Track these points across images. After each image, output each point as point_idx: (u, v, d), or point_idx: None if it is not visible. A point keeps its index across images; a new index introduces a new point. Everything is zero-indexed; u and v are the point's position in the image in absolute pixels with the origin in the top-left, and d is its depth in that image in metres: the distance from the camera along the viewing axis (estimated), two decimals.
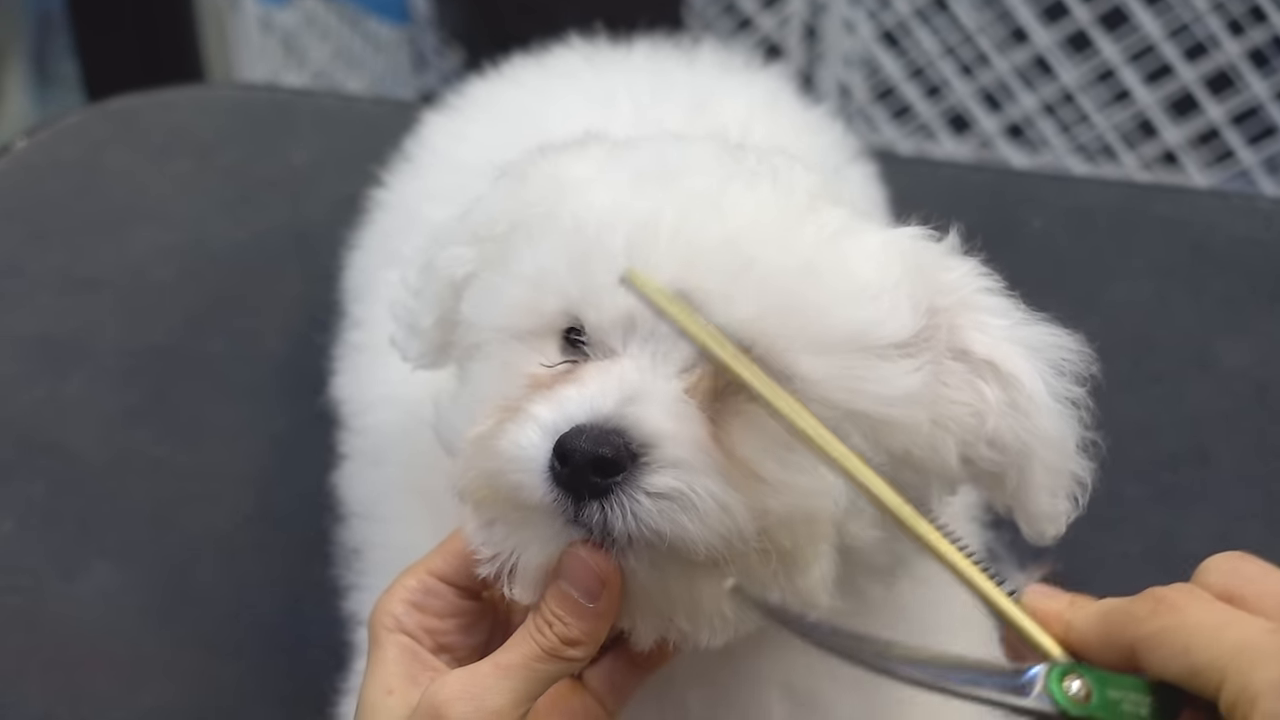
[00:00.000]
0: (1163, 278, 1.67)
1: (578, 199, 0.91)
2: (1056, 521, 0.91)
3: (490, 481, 0.86)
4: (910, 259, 0.90)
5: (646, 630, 0.87)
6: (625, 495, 0.81)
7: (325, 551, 1.27)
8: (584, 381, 0.85)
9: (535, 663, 0.85)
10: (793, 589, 0.85)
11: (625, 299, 0.84)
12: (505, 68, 1.51)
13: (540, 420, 0.83)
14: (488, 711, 0.83)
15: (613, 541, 0.82)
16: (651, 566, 0.83)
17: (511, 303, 0.92)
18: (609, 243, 0.87)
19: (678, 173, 0.91)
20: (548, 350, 0.91)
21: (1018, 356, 0.89)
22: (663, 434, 0.82)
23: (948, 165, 2.35)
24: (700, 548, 0.81)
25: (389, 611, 0.90)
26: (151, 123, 1.88)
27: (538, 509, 0.83)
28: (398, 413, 1.16)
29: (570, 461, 0.81)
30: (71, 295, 1.62)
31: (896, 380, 0.86)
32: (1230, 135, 2.66)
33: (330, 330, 1.42)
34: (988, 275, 0.93)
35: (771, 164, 0.93)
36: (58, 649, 1.27)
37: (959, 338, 0.90)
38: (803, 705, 0.98)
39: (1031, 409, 0.88)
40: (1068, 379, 0.90)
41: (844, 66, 2.85)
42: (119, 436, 1.47)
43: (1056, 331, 0.92)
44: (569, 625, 0.84)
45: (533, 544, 0.85)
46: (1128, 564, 1.34)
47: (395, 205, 1.40)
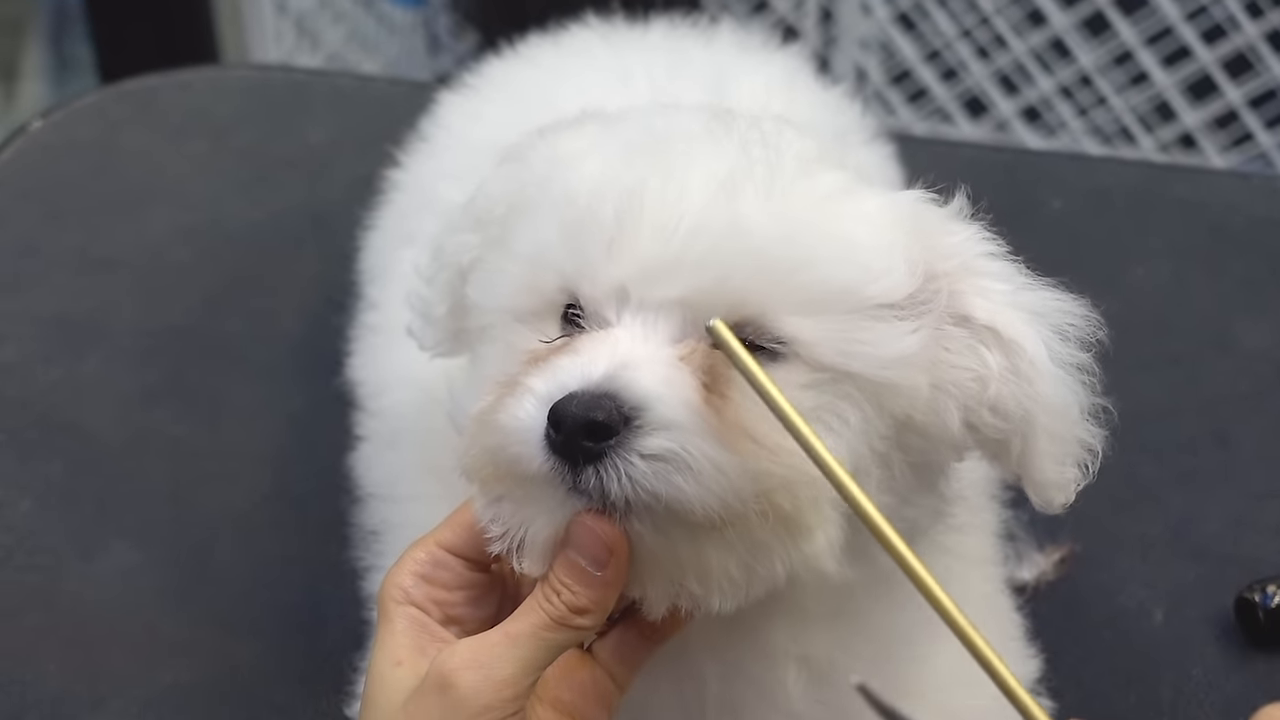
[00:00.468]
0: (1181, 259, 1.67)
1: (570, 172, 0.92)
2: (1065, 490, 0.91)
3: (492, 457, 0.86)
4: (909, 222, 0.90)
5: (657, 597, 0.87)
6: (619, 458, 0.81)
7: (342, 532, 1.27)
8: (577, 352, 0.85)
9: (544, 631, 0.85)
10: (799, 555, 0.86)
11: (617, 270, 0.86)
12: (521, 47, 1.51)
13: (535, 391, 0.84)
14: (496, 680, 0.84)
15: (613, 507, 0.83)
16: (656, 530, 0.84)
17: (512, 283, 0.93)
18: (599, 213, 0.87)
19: (665, 141, 0.91)
20: (548, 329, 0.91)
21: (1019, 322, 0.89)
22: (654, 397, 0.82)
23: (966, 146, 2.35)
24: (697, 508, 0.82)
25: (397, 584, 0.91)
26: (168, 103, 1.88)
27: (538, 479, 0.84)
28: (414, 394, 1.16)
29: (563, 427, 0.81)
30: (88, 275, 1.63)
31: (892, 342, 0.86)
32: (1249, 118, 2.65)
33: (346, 311, 1.42)
34: (990, 240, 0.92)
35: (761, 129, 0.93)
36: (76, 627, 1.27)
37: (960, 303, 0.90)
38: (819, 677, 0.98)
39: (1034, 375, 0.88)
40: (1072, 344, 0.90)
41: (860, 49, 2.85)
42: (137, 416, 1.47)
43: (1060, 296, 0.92)
44: (577, 594, 0.85)
45: (539, 517, 0.86)
46: (1146, 545, 1.34)
47: (411, 185, 1.41)
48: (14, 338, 1.54)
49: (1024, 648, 1.12)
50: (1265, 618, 1.24)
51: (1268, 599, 1.24)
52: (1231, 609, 1.27)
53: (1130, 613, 1.29)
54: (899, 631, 1.01)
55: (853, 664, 0.99)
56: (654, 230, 0.86)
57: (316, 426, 1.43)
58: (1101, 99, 2.73)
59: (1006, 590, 1.16)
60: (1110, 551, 1.33)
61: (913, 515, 0.93)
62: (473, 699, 0.83)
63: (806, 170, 0.91)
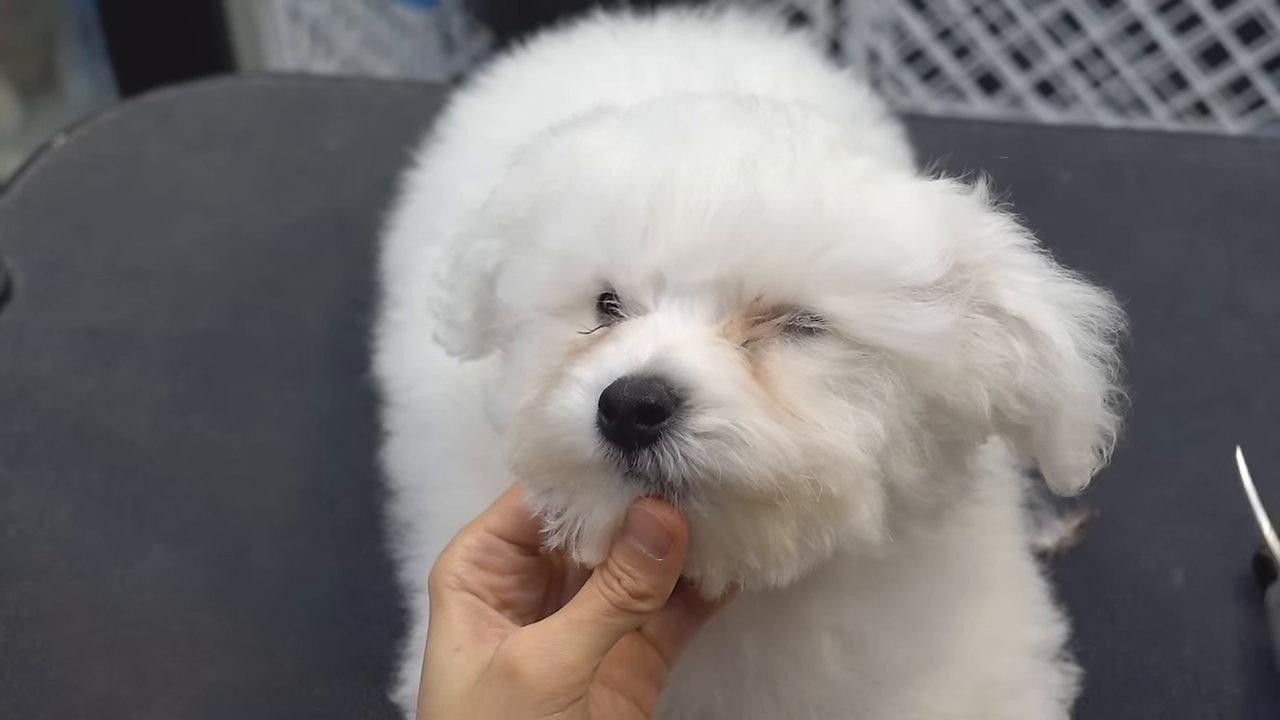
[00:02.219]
0: (1192, 225, 1.68)
1: (595, 168, 0.93)
2: (1081, 474, 0.93)
3: (544, 449, 0.88)
4: (941, 211, 0.92)
5: (717, 574, 0.89)
6: (674, 439, 0.83)
7: (377, 527, 1.30)
8: (621, 339, 0.87)
9: (606, 617, 0.87)
10: (845, 528, 0.88)
11: (652, 257, 0.88)
12: (533, 46, 1.53)
13: (583, 380, 0.86)
14: (562, 666, 0.85)
15: (671, 489, 0.84)
16: (714, 508, 0.85)
17: (544, 280, 0.94)
18: (631, 205, 0.89)
19: (691, 130, 0.93)
20: (584, 321, 0.93)
21: (1048, 314, 0.91)
22: (703, 376, 0.84)
23: (976, 122, 2.36)
24: (754, 481, 0.83)
25: (450, 570, 0.92)
26: (188, 115, 1.91)
27: (593, 467, 0.86)
28: (443, 386, 1.18)
29: (616, 413, 0.83)
30: (118, 286, 1.65)
31: (923, 320, 0.88)
32: (1262, 82, 2.65)
33: (371, 311, 1.45)
34: (1019, 231, 0.94)
35: (787, 114, 0.95)
36: (120, 631, 1.30)
37: (991, 294, 0.92)
38: (852, 647, 1.01)
39: (1060, 366, 0.90)
40: (1096, 336, 0.92)
41: (871, 31, 2.86)
42: (170, 422, 1.50)
43: (1086, 289, 0.93)
44: (638, 579, 0.87)
45: (597, 505, 0.87)
46: (1163, 507, 1.35)
47: (430, 185, 1.43)
48: (48, 350, 1.57)
49: (1049, 612, 1.15)
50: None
51: None
52: (1250, 566, 1.28)
53: (1150, 574, 1.30)
54: (931, 601, 1.04)
55: (885, 635, 1.02)
56: (685, 215, 0.87)
57: (346, 425, 1.46)
58: (1114, 70, 2.74)
59: (1029, 557, 1.18)
60: (1129, 515, 1.34)
61: (941, 490, 0.95)
62: (539, 685, 0.85)
63: (835, 154, 0.93)
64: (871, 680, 1.03)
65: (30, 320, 1.61)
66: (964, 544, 1.03)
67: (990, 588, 1.08)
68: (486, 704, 0.86)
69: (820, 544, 0.88)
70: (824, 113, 1.01)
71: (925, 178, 0.96)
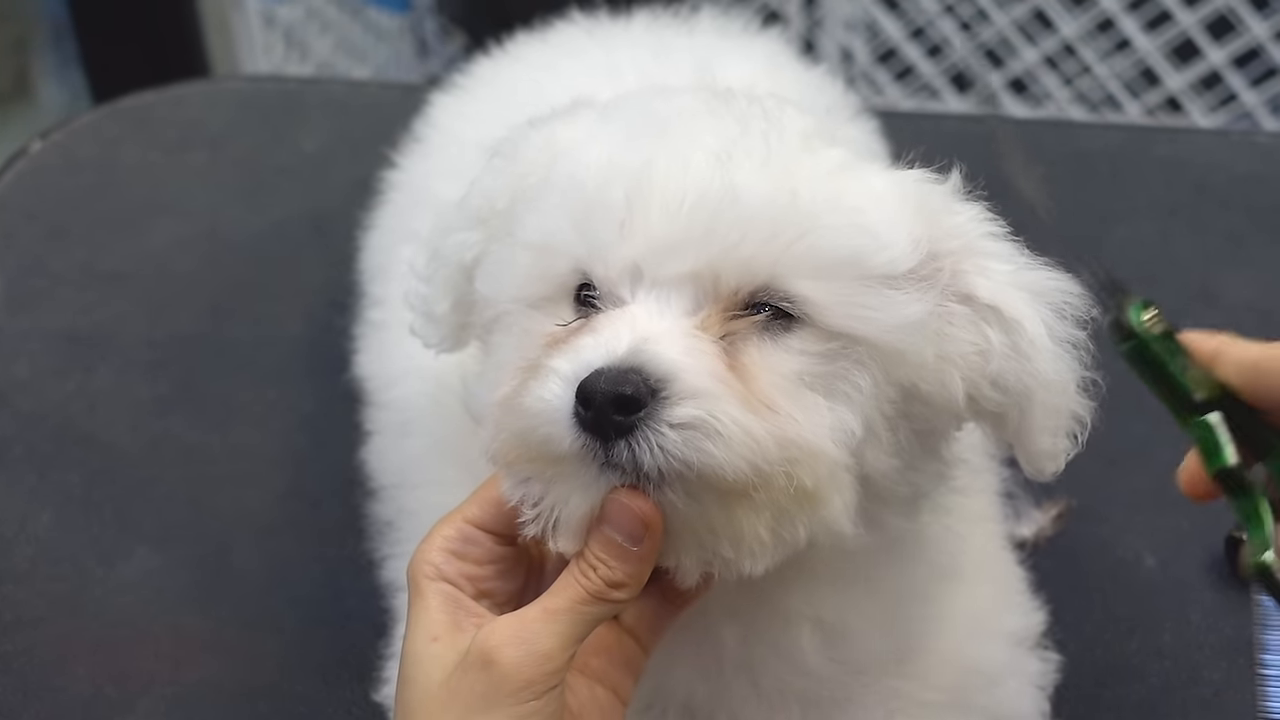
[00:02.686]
0: (1165, 217, 1.69)
1: (573, 160, 0.94)
2: (1056, 459, 0.94)
3: (521, 440, 0.88)
4: (914, 201, 0.93)
5: (691, 564, 0.89)
6: (650, 430, 0.83)
7: (358, 527, 1.30)
8: (598, 330, 0.87)
9: (582, 606, 0.87)
10: (818, 519, 0.88)
11: (629, 249, 0.88)
12: (510, 46, 1.53)
13: (560, 372, 0.86)
14: (538, 654, 0.86)
15: (647, 479, 0.85)
16: (689, 498, 0.86)
17: (522, 271, 0.94)
18: (608, 197, 0.89)
19: (668, 124, 0.93)
20: (562, 313, 0.93)
21: (1021, 302, 0.92)
22: (679, 367, 0.84)
23: (949, 118, 2.37)
24: (728, 472, 0.84)
25: (429, 560, 0.92)
26: (163, 118, 1.91)
27: (569, 458, 0.86)
28: (422, 384, 1.19)
29: (593, 404, 0.83)
30: (95, 290, 1.66)
31: (897, 309, 0.89)
32: (1233, 78, 2.67)
33: (350, 312, 1.45)
34: (991, 220, 0.95)
35: (762, 107, 0.96)
36: (103, 632, 1.30)
37: (964, 282, 0.92)
38: (832, 637, 1.01)
39: (1033, 353, 0.91)
40: (1069, 322, 0.93)
41: (844, 30, 2.87)
42: (150, 425, 1.50)
43: (1058, 276, 0.94)
44: (613, 568, 0.87)
45: (573, 495, 0.88)
46: (1139, 498, 1.36)
47: (408, 185, 1.43)
48: (26, 354, 1.57)
49: (1028, 600, 1.16)
50: None
51: None
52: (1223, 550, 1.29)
53: (1127, 563, 1.32)
54: (910, 591, 1.04)
55: (864, 624, 1.02)
56: (662, 208, 0.88)
57: (327, 426, 1.46)
58: (1086, 67, 2.75)
59: (1008, 546, 1.19)
60: (1105, 505, 1.35)
61: (917, 479, 0.96)
62: (515, 674, 0.85)
63: (810, 145, 0.94)
64: (852, 670, 1.04)
65: (8, 324, 1.61)
66: (942, 533, 1.04)
67: (969, 576, 1.09)
68: (463, 693, 0.86)
69: (794, 535, 0.88)
70: (799, 105, 1.02)
71: (899, 169, 0.97)
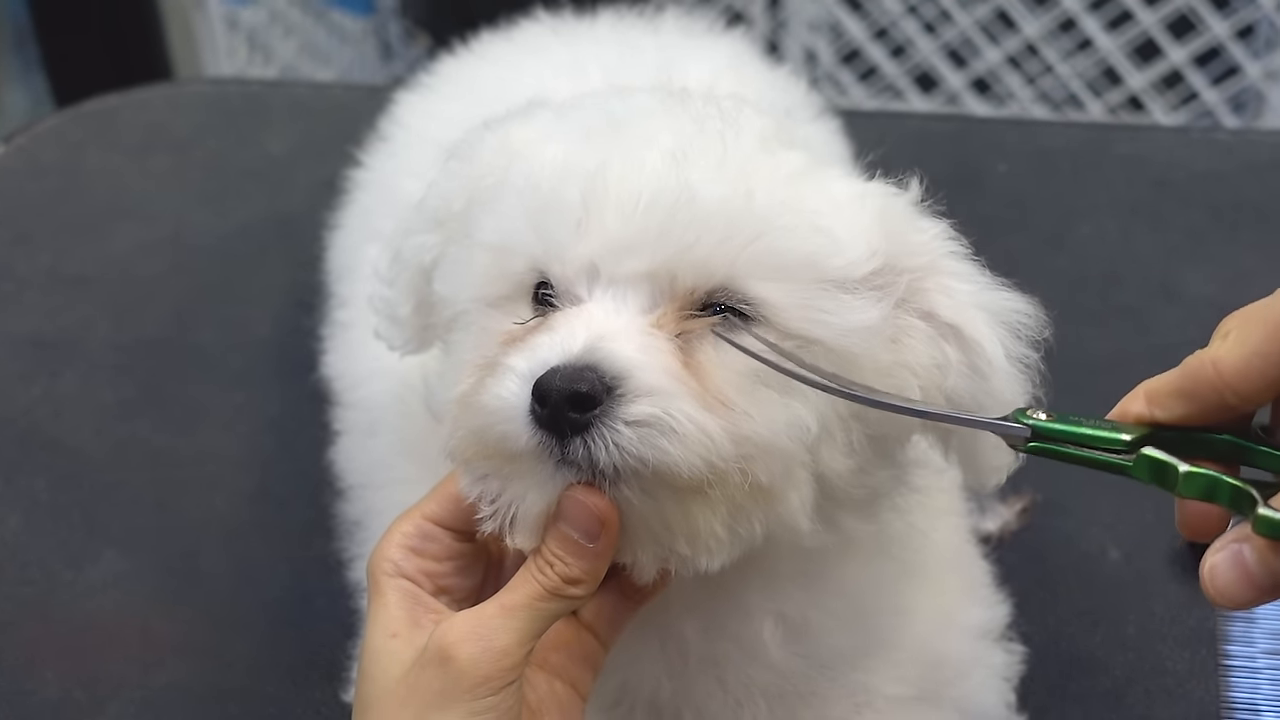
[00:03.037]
0: (1126, 214, 1.70)
1: (529, 160, 0.94)
2: (999, 473, 0.95)
3: (478, 437, 0.88)
4: (876, 212, 0.93)
5: (647, 561, 0.90)
6: (605, 427, 0.84)
7: (326, 527, 1.30)
8: (554, 329, 0.88)
9: (539, 602, 0.88)
10: (774, 515, 0.89)
11: (585, 248, 0.89)
12: (475, 45, 1.54)
13: (516, 370, 0.86)
14: (496, 650, 0.86)
15: (603, 476, 0.85)
16: (645, 495, 0.86)
17: (480, 270, 0.95)
18: (564, 196, 0.90)
19: (624, 123, 0.94)
20: (520, 312, 0.94)
21: (980, 322, 0.92)
22: (634, 365, 0.85)
23: (912, 117, 2.38)
24: (683, 469, 0.84)
25: (387, 557, 0.93)
26: (127, 122, 1.91)
27: (526, 455, 0.86)
28: (389, 384, 1.18)
29: (548, 401, 0.84)
30: (60, 294, 1.65)
31: (852, 313, 0.89)
32: (1194, 77, 2.69)
33: (316, 313, 1.45)
34: (954, 237, 0.96)
35: (719, 107, 0.96)
36: (71, 636, 1.30)
37: (925, 299, 0.93)
38: (796, 632, 1.02)
39: (990, 372, 0.92)
40: (1023, 342, 0.93)
41: (809, 31, 2.88)
42: (117, 429, 1.50)
43: (1015, 297, 0.95)
44: (570, 565, 0.87)
45: (529, 492, 0.88)
46: (1103, 489, 1.35)
47: (374, 184, 1.43)
48: None
49: (993, 593, 1.17)
50: None
51: None
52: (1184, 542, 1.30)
53: (1092, 556, 1.33)
54: (873, 586, 1.05)
55: (827, 620, 1.03)
56: (617, 207, 0.88)
57: (294, 427, 1.46)
58: (1048, 67, 2.77)
59: (973, 540, 1.20)
60: (1070, 499, 1.36)
61: (871, 482, 0.96)
62: (472, 670, 0.86)
63: (767, 147, 0.94)
64: (817, 664, 1.04)
65: None
66: (905, 530, 1.04)
67: (933, 571, 1.10)
68: (421, 689, 0.86)
69: (750, 531, 0.89)
70: (758, 106, 1.03)
71: (861, 174, 0.98)
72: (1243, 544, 0.76)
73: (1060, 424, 0.82)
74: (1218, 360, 0.78)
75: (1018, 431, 0.83)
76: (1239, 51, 2.65)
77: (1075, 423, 0.82)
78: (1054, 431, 0.82)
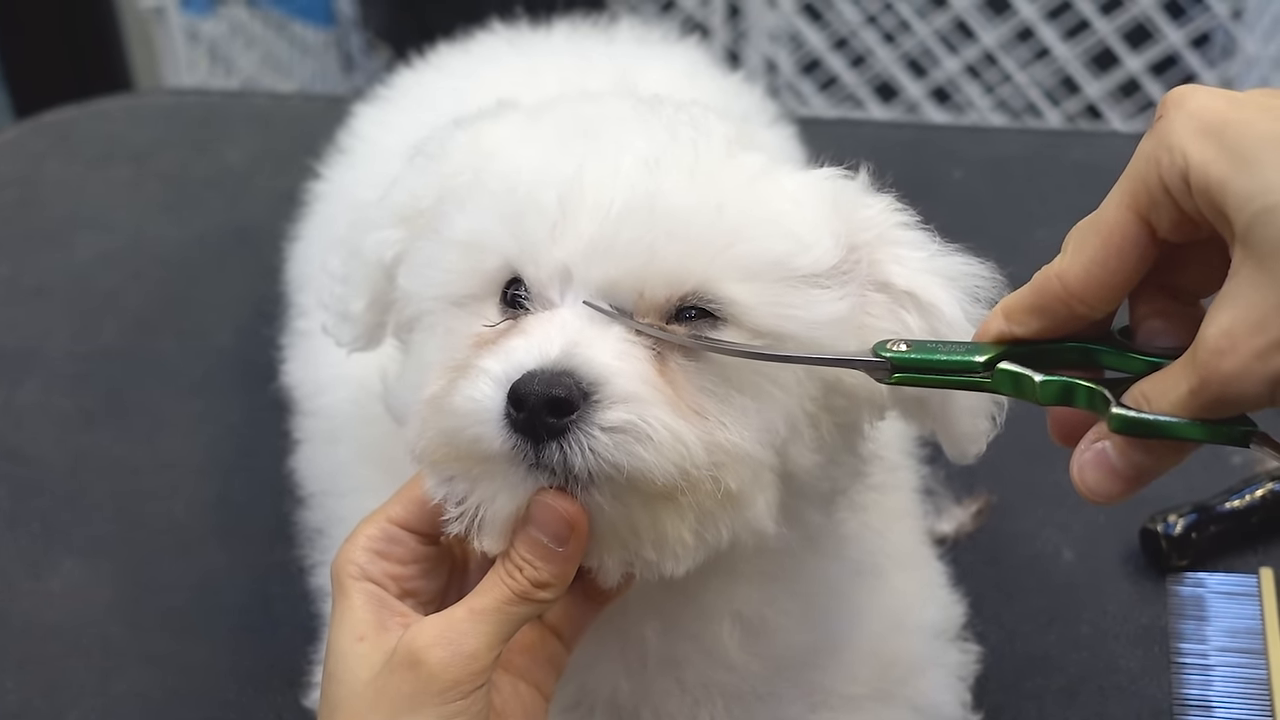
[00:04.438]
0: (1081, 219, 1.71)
1: (504, 161, 0.94)
2: (978, 441, 0.95)
3: (449, 439, 0.88)
4: (828, 197, 0.95)
5: (613, 565, 0.90)
6: (581, 432, 0.84)
7: (287, 534, 1.30)
8: (529, 332, 0.88)
9: (508, 606, 0.88)
10: (741, 520, 0.90)
11: (560, 252, 0.89)
12: (431, 56, 1.54)
13: (491, 373, 0.86)
14: (465, 655, 0.86)
15: (575, 481, 0.85)
16: (615, 501, 0.87)
17: (448, 267, 0.95)
18: (541, 200, 0.90)
19: (597, 129, 0.95)
20: (487, 312, 0.94)
21: (935, 286, 0.93)
22: (611, 371, 0.85)
23: (868, 124, 2.40)
24: (657, 476, 0.85)
25: (352, 560, 0.93)
26: (87, 133, 1.91)
27: (498, 458, 0.87)
28: (350, 391, 1.19)
29: (526, 405, 0.84)
30: (19, 305, 1.65)
31: (821, 307, 0.90)
32: (1151, 85, 2.72)
33: (276, 322, 1.45)
34: (902, 210, 0.97)
35: (689, 114, 0.97)
36: (31, 645, 1.30)
37: (879, 271, 0.94)
38: (753, 632, 1.02)
39: (951, 335, 0.92)
40: (983, 305, 0.94)
41: (769, 42, 2.89)
42: (77, 438, 1.50)
43: (970, 260, 0.96)
44: (539, 569, 0.88)
45: (499, 494, 0.88)
46: (1058, 491, 1.37)
47: (333, 195, 1.43)
48: None
49: (948, 594, 1.18)
50: (1168, 545, 1.29)
51: (1169, 528, 1.29)
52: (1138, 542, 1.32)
53: (1046, 556, 1.34)
54: (827, 587, 1.05)
55: (783, 620, 1.04)
56: (592, 212, 0.89)
57: (254, 435, 1.46)
58: (1007, 76, 2.79)
59: (928, 541, 1.21)
60: (1024, 500, 1.37)
61: (836, 474, 0.97)
62: (442, 674, 0.86)
63: (730, 151, 0.95)
64: (774, 664, 1.05)
65: None
66: (859, 530, 1.05)
67: (887, 571, 1.10)
68: (390, 693, 0.87)
69: (717, 536, 0.90)
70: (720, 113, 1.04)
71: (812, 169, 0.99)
72: (1103, 441, 0.78)
73: (918, 353, 0.84)
74: (1061, 274, 0.80)
75: (879, 364, 0.85)
76: (1195, 60, 2.68)
77: (931, 350, 0.84)
78: (913, 361, 0.84)
